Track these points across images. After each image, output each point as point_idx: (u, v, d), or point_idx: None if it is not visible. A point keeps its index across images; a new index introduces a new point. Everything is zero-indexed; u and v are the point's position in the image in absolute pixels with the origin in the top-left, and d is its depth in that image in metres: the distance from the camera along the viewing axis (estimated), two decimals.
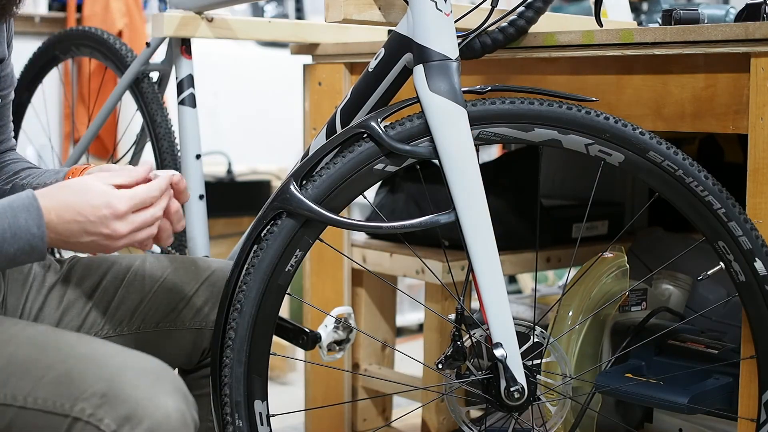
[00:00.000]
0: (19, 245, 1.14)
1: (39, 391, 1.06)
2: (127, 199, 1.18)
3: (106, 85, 2.70)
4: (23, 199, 1.15)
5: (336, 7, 1.58)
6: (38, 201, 1.15)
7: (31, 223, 1.14)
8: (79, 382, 1.05)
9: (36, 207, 1.14)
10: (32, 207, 1.14)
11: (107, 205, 1.16)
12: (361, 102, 1.48)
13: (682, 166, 1.38)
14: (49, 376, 1.07)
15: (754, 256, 1.39)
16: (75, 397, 1.05)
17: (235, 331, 1.38)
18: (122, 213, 1.17)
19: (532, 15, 1.59)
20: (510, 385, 1.37)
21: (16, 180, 1.50)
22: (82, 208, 1.16)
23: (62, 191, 1.17)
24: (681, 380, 1.68)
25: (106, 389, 1.05)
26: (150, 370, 1.09)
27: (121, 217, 1.17)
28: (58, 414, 1.06)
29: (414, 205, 2.26)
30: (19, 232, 1.13)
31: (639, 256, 2.15)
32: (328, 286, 2.22)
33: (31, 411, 1.07)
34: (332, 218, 1.37)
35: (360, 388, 2.33)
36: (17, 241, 1.14)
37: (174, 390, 1.08)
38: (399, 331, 3.62)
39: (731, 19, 2.10)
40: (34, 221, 1.14)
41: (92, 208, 1.16)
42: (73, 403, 1.05)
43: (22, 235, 1.14)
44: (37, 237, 1.15)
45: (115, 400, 1.04)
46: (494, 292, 1.37)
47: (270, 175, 3.48)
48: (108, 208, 1.16)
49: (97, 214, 1.16)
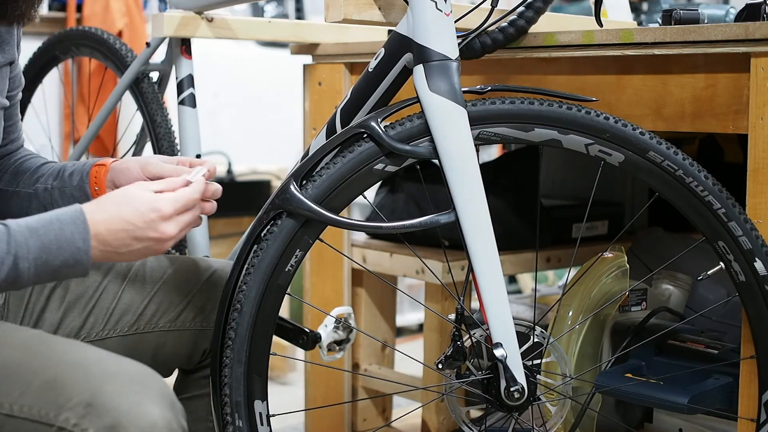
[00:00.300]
0: (63, 258, 1.15)
1: (25, 398, 1.06)
2: (172, 202, 1.21)
3: (106, 85, 2.70)
4: (70, 213, 1.16)
5: (336, 7, 1.58)
6: (85, 215, 1.17)
7: (77, 236, 1.16)
8: (65, 390, 1.04)
9: (83, 221, 1.16)
10: (78, 220, 1.16)
11: (153, 209, 1.19)
12: (361, 102, 1.49)
13: (682, 166, 1.38)
14: (35, 382, 1.06)
15: (754, 256, 1.39)
16: (60, 405, 1.04)
17: (235, 331, 1.38)
18: (169, 215, 1.20)
19: (532, 15, 1.59)
20: (510, 385, 1.37)
21: (38, 185, 1.50)
22: (129, 216, 1.18)
23: (108, 204, 1.19)
24: (681, 380, 1.68)
25: (91, 399, 1.03)
26: (136, 377, 1.07)
27: (168, 219, 1.21)
28: (44, 423, 1.05)
29: (414, 205, 2.26)
30: (65, 244, 1.15)
31: (639, 256, 2.15)
32: (328, 286, 2.22)
33: (17, 419, 1.06)
34: (332, 218, 1.37)
35: (360, 388, 2.33)
36: (62, 254, 1.15)
37: (160, 397, 1.07)
38: (399, 331, 3.62)
39: (731, 19, 2.10)
40: (80, 234, 1.16)
41: (139, 213, 1.19)
42: (57, 412, 1.04)
43: (68, 248, 1.15)
44: (82, 251, 1.16)
45: (99, 410, 1.03)
46: (494, 292, 1.37)
47: (270, 175, 3.48)
48: (154, 211, 1.19)
49: (144, 219, 1.19)
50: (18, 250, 1.12)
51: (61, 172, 1.49)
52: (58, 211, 1.17)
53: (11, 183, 1.53)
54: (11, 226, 1.13)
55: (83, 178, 1.46)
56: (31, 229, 1.14)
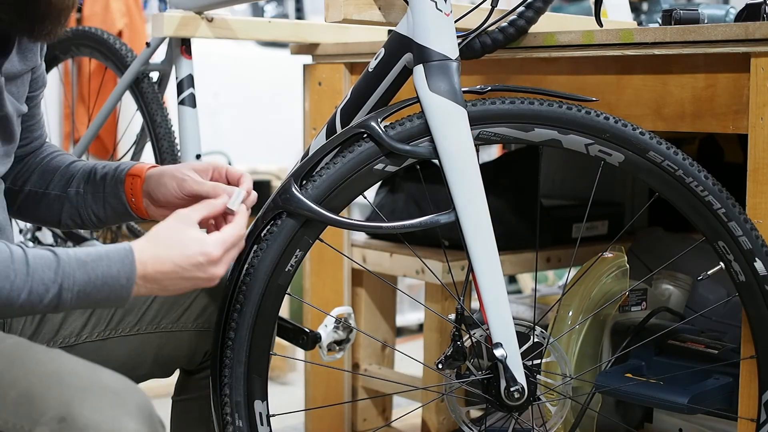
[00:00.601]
0: (106, 294, 1.18)
1: (2, 411, 1.04)
2: (220, 244, 1.23)
3: (106, 85, 2.70)
4: (120, 252, 1.19)
5: (336, 7, 1.58)
6: (134, 254, 1.19)
7: (122, 275, 1.18)
8: (39, 403, 1.03)
9: (131, 261, 1.19)
10: (127, 260, 1.19)
11: (202, 253, 1.21)
12: (361, 102, 1.48)
13: (682, 166, 1.38)
14: (11, 394, 1.05)
15: (754, 256, 1.39)
16: (34, 420, 1.02)
17: (235, 331, 1.38)
18: (217, 258, 1.23)
19: (532, 15, 1.59)
20: (510, 385, 1.37)
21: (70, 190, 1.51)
22: (178, 260, 1.21)
23: (158, 245, 1.21)
24: (681, 380, 1.68)
25: (65, 413, 1.02)
26: (113, 390, 1.06)
27: (217, 262, 1.23)
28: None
29: (414, 205, 2.26)
30: (110, 281, 1.18)
31: (639, 256, 2.15)
32: (328, 286, 2.22)
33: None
34: (332, 218, 1.37)
35: (360, 388, 2.33)
36: (106, 290, 1.18)
37: (137, 411, 1.05)
38: (399, 331, 3.61)
39: (731, 19, 2.10)
40: (125, 273, 1.18)
41: (188, 258, 1.21)
42: (32, 426, 1.02)
43: (112, 285, 1.18)
44: (125, 288, 1.19)
45: (72, 424, 1.01)
46: (494, 292, 1.37)
47: (270, 175, 3.48)
48: (203, 255, 1.22)
49: (192, 262, 1.21)
50: (64, 281, 1.15)
51: (92, 175, 1.50)
52: (109, 247, 1.20)
53: (39, 184, 1.53)
54: (61, 257, 1.16)
55: (117, 185, 1.47)
56: (80, 261, 1.16)
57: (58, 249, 1.17)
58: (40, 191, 1.52)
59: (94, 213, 1.49)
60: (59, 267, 1.15)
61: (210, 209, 1.28)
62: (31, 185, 1.52)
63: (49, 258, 1.15)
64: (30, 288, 1.12)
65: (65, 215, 1.51)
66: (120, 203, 1.47)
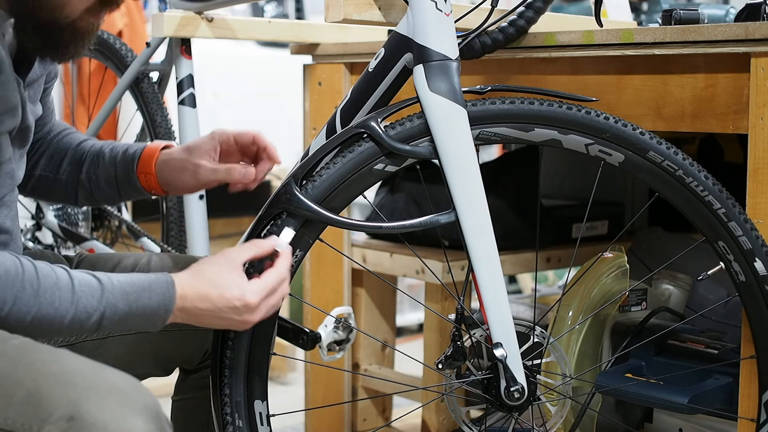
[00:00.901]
0: (142, 321, 1.24)
1: (9, 411, 1.05)
2: (260, 292, 1.27)
3: (106, 85, 2.70)
4: (162, 284, 1.24)
5: (336, 7, 1.58)
6: (175, 288, 1.25)
7: (161, 308, 1.23)
8: (47, 402, 1.03)
9: (171, 295, 1.24)
10: (168, 293, 1.24)
11: (241, 298, 1.26)
12: (361, 102, 1.48)
13: (682, 166, 1.38)
14: (18, 394, 1.05)
15: (754, 256, 1.39)
16: (42, 419, 1.03)
17: (235, 331, 1.38)
18: (254, 305, 1.27)
19: (532, 15, 1.59)
20: (510, 385, 1.37)
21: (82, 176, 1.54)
22: (217, 300, 1.25)
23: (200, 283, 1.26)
24: (681, 380, 1.68)
25: (73, 412, 1.02)
26: (120, 388, 1.06)
27: (253, 309, 1.27)
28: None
29: (414, 205, 2.26)
30: (148, 311, 1.23)
31: (639, 256, 2.15)
32: (328, 286, 2.22)
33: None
34: (332, 218, 1.37)
35: (360, 388, 2.33)
36: (143, 318, 1.23)
37: (144, 409, 1.05)
38: (399, 331, 3.62)
39: (731, 19, 2.10)
40: (164, 306, 1.23)
41: (227, 300, 1.25)
42: (40, 426, 1.03)
43: (150, 315, 1.23)
44: (161, 319, 1.24)
45: (81, 423, 1.01)
46: (494, 292, 1.37)
47: (270, 175, 3.48)
48: (241, 301, 1.26)
49: (229, 305, 1.26)
50: (107, 310, 1.19)
51: (101, 158, 1.53)
52: (151, 278, 1.24)
53: (50, 168, 1.55)
54: (105, 286, 1.20)
55: (129, 173, 1.51)
56: (123, 292, 1.21)
57: (101, 275, 1.22)
58: (51, 176, 1.54)
59: (108, 195, 1.54)
60: (103, 296, 1.20)
61: (257, 251, 1.31)
62: (41, 169, 1.54)
63: (93, 286, 1.19)
64: (73, 315, 1.17)
65: (81, 197, 1.56)
66: (135, 189, 1.52)
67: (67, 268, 1.20)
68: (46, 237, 2.36)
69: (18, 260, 1.16)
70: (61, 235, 2.29)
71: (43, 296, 1.15)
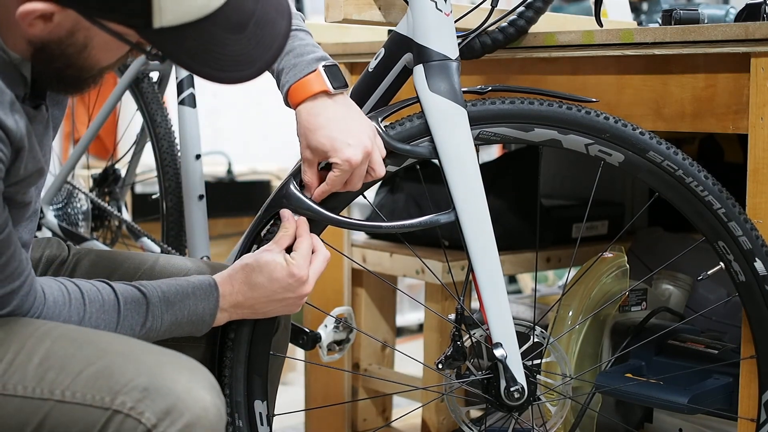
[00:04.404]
0: (188, 329, 1.29)
1: (77, 384, 1.09)
2: (303, 263, 1.31)
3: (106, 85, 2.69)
4: (205, 288, 1.29)
5: (336, 7, 1.58)
6: (218, 291, 1.29)
7: (207, 312, 1.29)
8: (119, 376, 1.08)
9: (215, 298, 1.29)
10: (212, 297, 1.29)
11: (290, 274, 1.30)
12: (361, 102, 1.48)
13: (682, 166, 1.38)
14: (88, 370, 1.09)
15: (754, 256, 1.39)
16: (115, 390, 1.07)
17: (235, 331, 1.38)
18: (305, 277, 1.31)
19: (532, 15, 1.59)
20: (510, 385, 1.37)
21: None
22: (267, 284, 1.30)
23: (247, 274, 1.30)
24: (681, 380, 1.68)
25: (147, 383, 1.07)
26: (186, 365, 1.12)
27: (305, 281, 1.31)
28: (98, 407, 1.08)
29: (414, 205, 2.25)
30: (194, 318, 1.28)
31: (639, 256, 2.15)
32: (328, 286, 2.21)
33: (68, 404, 1.09)
34: (332, 218, 1.37)
35: (360, 388, 2.33)
36: (190, 325, 1.28)
37: (210, 386, 1.11)
38: (399, 331, 3.61)
39: (731, 19, 2.10)
40: (209, 310, 1.29)
41: (277, 281, 1.30)
42: (113, 397, 1.07)
43: (196, 321, 1.28)
44: (206, 323, 1.29)
45: (155, 394, 1.07)
46: (494, 292, 1.37)
47: (270, 175, 3.48)
48: (292, 277, 1.30)
49: (282, 285, 1.30)
50: (153, 323, 1.25)
51: None
52: (194, 283, 1.28)
53: None
54: (151, 300, 1.24)
55: None
56: (168, 303, 1.26)
57: (146, 286, 1.25)
58: None
59: None
60: (148, 311, 1.24)
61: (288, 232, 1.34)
62: None
63: (138, 301, 1.24)
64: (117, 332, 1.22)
65: None
66: None
67: (112, 285, 1.24)
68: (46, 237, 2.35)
69: (64, 287, 1.20)
70: (61, 235, 2.29)
71: (88, 322, 1.20)
